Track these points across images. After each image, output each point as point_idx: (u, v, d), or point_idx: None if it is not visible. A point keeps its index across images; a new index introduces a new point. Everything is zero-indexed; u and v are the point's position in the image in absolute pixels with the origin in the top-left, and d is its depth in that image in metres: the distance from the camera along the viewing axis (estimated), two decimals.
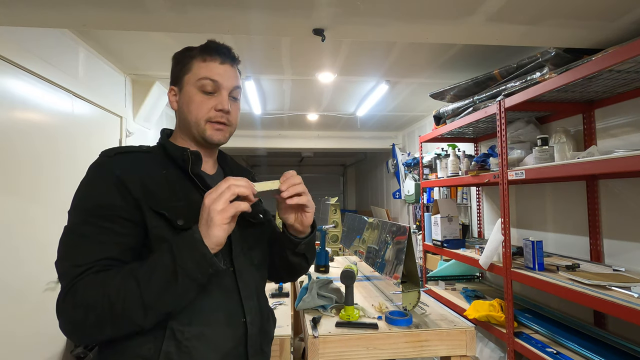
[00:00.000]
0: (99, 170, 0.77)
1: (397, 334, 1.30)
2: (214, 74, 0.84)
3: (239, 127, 5.29)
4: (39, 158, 1.83)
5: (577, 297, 1.41)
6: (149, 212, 0.74)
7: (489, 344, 2.36)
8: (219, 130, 0.86)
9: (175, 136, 0.92)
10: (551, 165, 1.60)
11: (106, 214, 0.73)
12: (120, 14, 1.49)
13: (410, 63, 2.58)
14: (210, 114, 0.84)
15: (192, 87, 0.85)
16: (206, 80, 0.84)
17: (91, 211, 0.73)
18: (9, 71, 1.67)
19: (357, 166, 8.99)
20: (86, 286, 0.67)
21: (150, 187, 0.76)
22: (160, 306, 0.68)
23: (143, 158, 0.82)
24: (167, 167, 0.82)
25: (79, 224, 0.72)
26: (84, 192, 0.76)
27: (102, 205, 0.73)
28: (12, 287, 1.63)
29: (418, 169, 3.88)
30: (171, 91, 0.89)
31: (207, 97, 0.85)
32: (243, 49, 2.30)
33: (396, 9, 1.48)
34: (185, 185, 0.82)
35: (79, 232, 0.72)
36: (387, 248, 1.65)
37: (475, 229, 3.03)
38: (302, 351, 2.13)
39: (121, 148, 0.82)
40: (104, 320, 0.66)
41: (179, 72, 0.87)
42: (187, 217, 0.76)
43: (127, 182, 0.74)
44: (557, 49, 1.69)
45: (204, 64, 0.85)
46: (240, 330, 0.82)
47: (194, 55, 0.86)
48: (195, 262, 0.68)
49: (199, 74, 0.84)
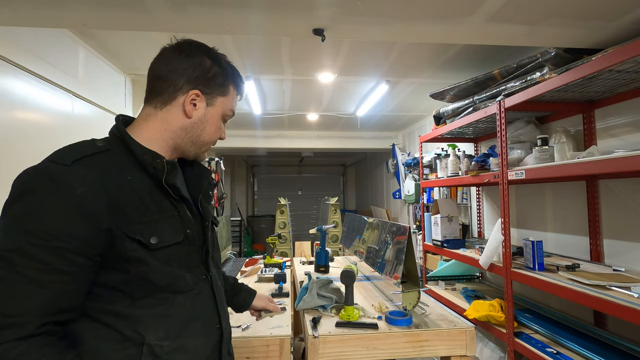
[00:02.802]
0: (52, 186, 0.61)
1: (397, 334, 1.30)
2: (235, 109, 0.88)
3: (239, 127, 5.26)
4: (39, 158, 1.81)
5: (577, 297, 1.41)
6: (120, 236, 0.65)
7: (489, 344, 2.36)
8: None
9: (139, 130, 0.77)
10: (551, 165, 1.60)
11: (59, 247, 0.59)
12: (120, 13, 1.49)
13: (410, 63, 2.58)
14: (215, 140, 0.87)
15: (221, 111, 0.84)
16: (231, 114, 0.87)
17: (38, 237, 0.58)
18: (9, 71, 1.67)
19: (357, 166, 8.99)
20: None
21: (118, 203, 0.66)
22: None
23: (104, 162, 0.69)
24: (131, 171, 0.71)
25: (18, 254, 0.57)
26: (27, 210, 0.59)
27: (56, 234, 0.59)
28: None
29: (418, 169, 3.88)
30: (197, 97, 0.78)
31: (222, 125, 0.87)
32: (243, 49, 2.30)
33: (396, 9, 1.48)
34: (155, 194, 0.73)
35: (15, 266, 0.56)
36: (387, 248, 1.65)
37: (475, 229, 3.03)
38: (302, 351, 2.13)
39: (76, 151, 0.68)
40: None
41: (216, 88, 0.81)
42: (160, 233, 0.71)
43: (91, 201, 0.63)
44: (557, 49, 1.69)
45: (235, 98, 0.87)
46: (216, 337, 0.82)
47: (231, 82, 0.85)
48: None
49: (231, 105, 0.86)
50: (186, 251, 0.77)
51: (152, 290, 0.70)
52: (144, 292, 0.69)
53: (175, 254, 0.74)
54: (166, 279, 0.72)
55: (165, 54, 0.79)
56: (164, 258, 0.72)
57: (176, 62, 0.78)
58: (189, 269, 0.77)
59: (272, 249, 3.27)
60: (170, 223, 0.74)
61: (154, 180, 0.74)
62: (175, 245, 0.74)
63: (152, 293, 0.70)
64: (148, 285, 0.70)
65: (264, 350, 1.31)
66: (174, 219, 0.75)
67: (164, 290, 0.72)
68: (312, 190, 9.17)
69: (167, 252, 0.72)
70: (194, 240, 0.79)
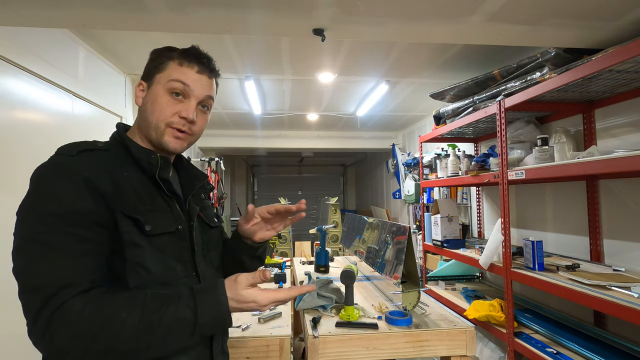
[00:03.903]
0: (63, 171, 0.69)
1: (397, 334, 1.30)
2: (187, 78, 0.80)
3: (239, 127, 5.25)
4: (39, 158, 1.81)
5: (577, 297, 1.41)
6: (120, 215, 0.70)
7: (489, 344, 2.36)
8: (177, 138, 0.81)
9: (133, 134, 0.84)
10: (551, 165, 1.60)
11: (81, 221, 0.66)
12: (120, 13, 1.49)
13: (410, 63, 2.58)
14: (172, 119, 0.79)
15: (161, 87, 0.79)
16: (177, 83, 0.79)
17: (62, 218, 0.65)
18: (9, 71, 1.67)
19: (357, 166, 8.99)
20: (82, 311, 0.61)
21: (119, 190, 0.72)
22: (160, 352, 0.68)
23: (105, 157, 0.76)
24: (128, 168, 0.77)
25: (49, 233, 0.64)
26: (47, 196, 0.66)
27: (76, 210, 0.66)
28: (11, 287, 1.63)
29: (418, 169, 3.88)
30: (139, 86, 0.83)
31: (174, 100, 0.79)
32: (243, 49, 2.30)
33: (396, 9, 1.48)
34: (149, 189, 0.78)
35: (51, 243, 0.64)
36: (387, 248, 1.65)
37: (475, 229, 3.03)
38: (302, 351, 2.13)
39: (80, 145, 0.75)
40: (103, 354, 0.62)
41: (152, 69, 0.82)
42: (154, 223, 0.74)
43: (97, 183, 0.69)
44: (557, 49, 1.69)
45: (179, 68, 0.80)
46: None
47: (172, 56, 0.81)
48: (215, 327, 0.70)
49: (171, 75, 0.79)
50: (178, 244, 0.80)
51: (145, 279, 0.72)
52: (137, 280, 0.71)
53: (168, 244, 0.77)
54: (159, 266, 0.74)
55: None
56: (158, 246, 0.75)
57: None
58: (181, 262, 0.79)
59: (272, 249, 3.27)
60: (164, 215, 0.78)
61: (149, 176, 0.79)
62: (168, 235, 0.77)
63: (144, 282, 0.71)
64: (142, 272, 0.71)
65: (264, 350, 1.31)
66: (167, 213, 0.79)
67: (155, 280, 0.73)
68: (312, 190, 9.17)
69: (160, 240, 0.75)
70: (185, 235, 0.82)
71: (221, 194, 4.50)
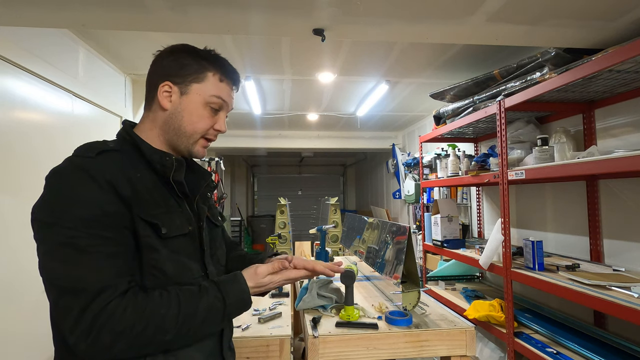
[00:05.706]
0: (85, 173, 0.69)
1: (397, 334, 1.30)
2: (226, 96, 0.84)
3: (239, 127, 5.25)
4: (39, 158, 1.83)
5: (577, 297, 1.41)
6: (137, 219, 0.71)
7: (489, 344, 2.36)
8: (205, 147, 0.87)
9: (146, 134, 0.82)
10: (551, 165, 1.60)
11: (110, 223, 0.68)
12: (120, 14, 1.49)
13: (410, 63, 2.58)
14: (208, 132, 0.84)
15: (201, 99, 0.81)
16: (218, 100, 0.83)
17: (93, 221, 0.66)
18: (9, 71, 1.67)
19: (357, 166, 8.99)
20: (125, 311, 0.65)
21: (137, 193, 0.73)
22: (198, 338, 0.76)
23: (119, 158, 0.76)
24: (140, 169, 0.77)
25: (81, 237, 0.65)
26: (72, 198, 0.67)
27: (104, 213, 0.67)
28: (11, 287, 1.63)
29: (418, 169, 3.88)
30: (165, 86, 0.80)
31: (211, 113, 0.83)
32: (243, 49, 2.30)
33: (396, 9, 1.48)
34: (162, 191, 0.79)
35: (85, 247, 0.65)
36: (387, 248, 1.65)
37: (475, 229, 3.03)
38: (302, 351, 2.13)
39: (97, 146, 0.75)
40: (144, 346, 0.68)
41: (188, 76, 0.80)
42: (169, 225, 0.75)
43: (119, 187, 0.70)
44: (557, 49, 1.69)
45: (219, 84, 0.83)
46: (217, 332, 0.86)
47: (209, 68, 0.82)
48: (240, 310, 0.80)
49: (212, 90, 0.81)
50: (191, 244, 0.81)
51: (160, 281, 0.73)
52: (152, 282, 0.72)
53: (182, 245, 0.78)
54: (175, 268, 0.75)
55: (154, 59, 0.84)
56: (173, 248, 0.76)
57: (158, 63, 0.83)
58: (195, 261, 0.81)
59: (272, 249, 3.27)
60: (178, 217, 0.79)
61: (160, 177, 0.80)
62: (182, 237, 0.78)
63: (159, 284, 0.73)
64: (158, 275, 0.73)
65: (264, 350, 1.31)
66: (179, 214, 0.80)
67: (171, 281, 0.74)
68: (312, 190, 9.16)
69: (175, 242, 0.77)
70: (195, 236, 0.83)
71: (221, 194, 4.50)
